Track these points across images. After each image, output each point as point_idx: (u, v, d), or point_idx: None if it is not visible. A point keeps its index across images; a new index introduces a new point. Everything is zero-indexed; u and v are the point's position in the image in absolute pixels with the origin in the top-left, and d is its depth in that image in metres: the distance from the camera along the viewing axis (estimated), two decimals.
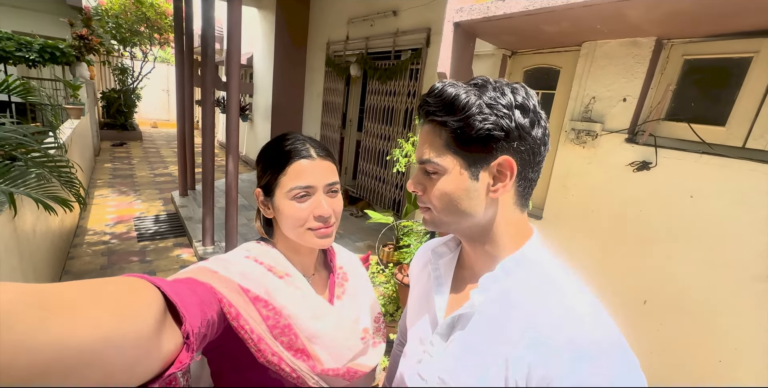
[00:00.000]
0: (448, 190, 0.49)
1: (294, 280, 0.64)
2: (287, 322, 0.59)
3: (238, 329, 0.54)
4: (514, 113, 0.46)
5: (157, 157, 7.54)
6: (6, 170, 1.60)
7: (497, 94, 0.47)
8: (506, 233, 0.52)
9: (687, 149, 1.61)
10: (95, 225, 3.76)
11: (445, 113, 0.47)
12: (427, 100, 0.49)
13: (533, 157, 0.49)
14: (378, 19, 4.40)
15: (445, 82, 0.49)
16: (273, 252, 0.67)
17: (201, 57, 3.39)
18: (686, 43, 1.66)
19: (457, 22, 1.90)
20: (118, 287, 0.34)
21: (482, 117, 0.45)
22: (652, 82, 1.77)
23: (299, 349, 0.60)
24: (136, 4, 7.93)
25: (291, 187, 0.61)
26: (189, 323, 0.39)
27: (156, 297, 0.37)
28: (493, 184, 0.49)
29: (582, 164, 1.96)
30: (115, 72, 9.11)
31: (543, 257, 0.52)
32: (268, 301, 0.59)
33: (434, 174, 0.50)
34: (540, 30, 1.86)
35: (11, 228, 1.69)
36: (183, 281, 0.50)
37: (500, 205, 0.51)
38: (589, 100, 1.94)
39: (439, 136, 0.49)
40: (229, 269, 0.58)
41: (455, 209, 0.50)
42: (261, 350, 0.55)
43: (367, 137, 4.83)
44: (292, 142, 0.64)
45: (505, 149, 0.47)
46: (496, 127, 0.46)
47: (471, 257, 0.57)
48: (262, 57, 6.67)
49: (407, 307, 0.71)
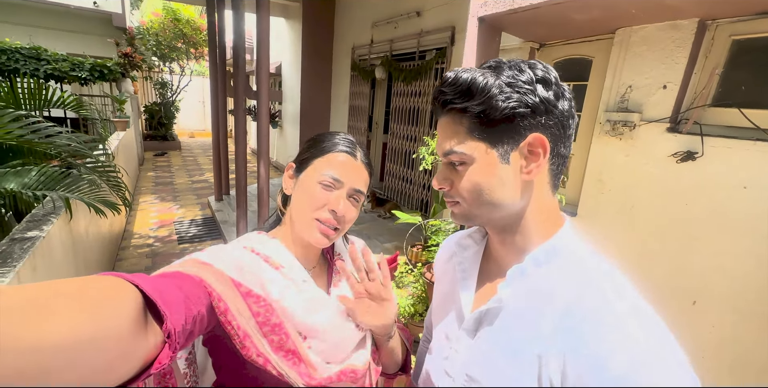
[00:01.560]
0: (478, 179, 0.47)
1: (290, 271, 0.62)
2: (278, 320, 0.57)
3: (225, 324, 0.52)
4: (537, 88, 0.44)
5: (195, 165, 7.94)
6: (62, 177, 1.74)
7: (515, 72, 0.45)
8: (538, 221, 0.49)
9: (738, 136, 1.49)
10: (140, 229, 4.01)
11: (464, 99, 0.45)
12: (443, 90, 0.47)
13: (563, 131, 0.46)
14: (402, 20, 4.42)
15: (457, 70, 0.46)
16: (272, 242, 0.65)
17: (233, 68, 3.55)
18: (734, 23, 1.54)
19: (482, 16, 1.87)
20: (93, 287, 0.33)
21: (504, 96, 0.43)
22: (696, 66, 1.65)
23: (290, 350, 0.57)
24: (174, 22, 8.45)
25: (323, 172, 0.62)
26: (170, 322, 0.38)
27: (133, 296, 0.36)
28: (526, 166, 0.46)
29: (619, 157, 1.86)
30: (155, 86, 9.73)
31: (576, 246, 0.49)
32: (261, 296, 0.56)
33: (461, 165, 0.48)
34: (569, 19, 1.79)
35: (68, 230, 1.84)
36: (169, 276, 0.49)
37: (534, 189, 0.48)
38: (625, 90, 1.84)
39: (461, 124, 0.46)
40: (223, 261, 0.57)
41: (487, 200, 0.47)
42: (246, 347, 0.53)
43: (393, 139, 4.84)
44: (345, 137, 0.67)
45: (533, 126, 0.45)
46: (520, 105, 0.43)
47: (498, 249, 0.54)
48: (290, 65, 6.89)
49: (432, 302, 0.69)
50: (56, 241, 1.65)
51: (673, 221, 1.68)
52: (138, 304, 0.35)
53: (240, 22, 3.36)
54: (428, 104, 4.15)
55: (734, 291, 1.51)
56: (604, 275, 0.45)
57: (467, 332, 0.53)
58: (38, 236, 1.46)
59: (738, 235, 1.49)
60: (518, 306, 0.47)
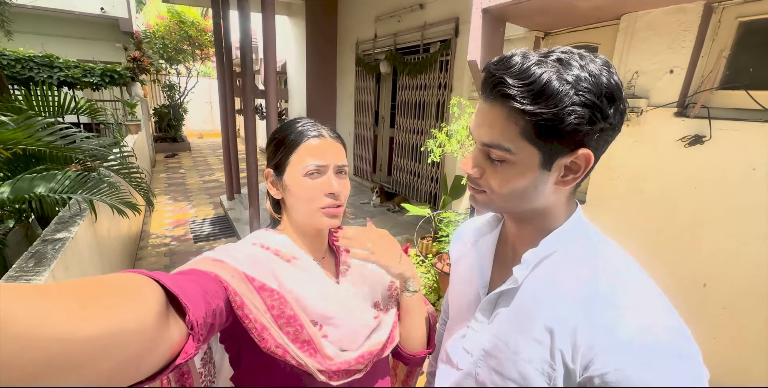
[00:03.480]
0: (515, 180, 0.46)
1: (301, 262, 0.64)
2: (293, 312, 0.58)
3: (242, 318, 0.54)
4: (604, 104, 0.41)
5: (205, 165, 8.07)
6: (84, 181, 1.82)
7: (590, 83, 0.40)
8: (556, 212, 0.51)
9: (746, 119, 1.48)
10: (157, 229, 4.12)
11: (532, 101, 0.41)
12: (507, 80, 0.42)
13: (606, 146, 0.46)
14: (405, 14, 4.41)
15: (522, 53, 0.43)
16: (280, 237, 0.67)
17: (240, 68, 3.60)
18: (740, 4, 1.53)
19: (486, 8, 1.88)
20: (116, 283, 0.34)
21: (571, 109, 0.40)
22: (702, 50, 1.64)
23: (305, 341, 0.58)
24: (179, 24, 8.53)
25: (304, 165, 0.62)
26: (192, 314, 0.40)
27: (156, 291, 0.37)
28: (563, 175, 0.46)
29: (627, 143, 1.87)
30: (164, 89, 9.86)
31: (586, 230, 0.52)
32: (274, 289, 0.58)
33: (502, 161, 0.46)
34: (574, 6, 1.79)
35: (92, 231, 1.92)
36: (186, 273, 0.50)
37: (561, 192, 0.49)
38: (631, 76, 1.84)
39: (515, 123, 0.43)
40: (234, 257, 0.58)
41: (518, 197, 0.48)
42: (264, 339, 0.55)
43: (400, 133, 4.86)
44: (303, 123, 0.66)
45: (585, 142, 0.43)
46: (584, 122, 0.41)
47: (514, 234, 0.57)
48: (295, 63, 6.92)
49: (450, 285, 0.72)
50: (83, 242, 1.73)
51: (683, 206, 1.68)
52: (161, 298, 0.37)
53: (246, 23, 3.40)
54: (434, 97, 4.15)
55: (744, 273, 1.52)
56: (611, 257, 0.49)
57: (484, 312, 0.56)
58: (67, 237, 1.54)
59: (747, 217, 1.49)
60: (532, 287, 0.50)
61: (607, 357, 0.40)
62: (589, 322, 0.43)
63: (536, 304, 0.49)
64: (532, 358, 0.47)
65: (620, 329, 0.41)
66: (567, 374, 0.44)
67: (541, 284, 0.50)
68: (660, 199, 1.77)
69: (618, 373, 0.39)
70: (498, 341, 0.52)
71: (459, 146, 2.18)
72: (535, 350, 0.47)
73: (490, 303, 0.55)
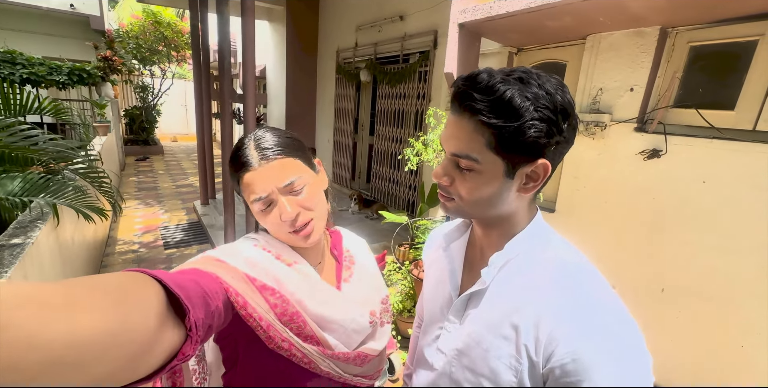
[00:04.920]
0: (481, 188, 0.50)
1: (302, 267, 0.65)
2: (295, 309, 0.60)
3: (247, 318, 0.54)
4: (558, 118, 0.46)
5: (179, 169, 7.83)
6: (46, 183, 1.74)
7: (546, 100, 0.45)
8: (519, 217, 0.55)
9: (697, 135, 1.61)
10: (124, 235, 3.95)
11: (496, 116, 0.45)
12: (474, 96, 0.46)
13: (561, 157, 0.51)
14: (385, 24, 4.49)
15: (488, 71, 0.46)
16: (277, 242, 0.67)
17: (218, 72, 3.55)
18: (691, 30, 1.66)
19: (462, 23, 1.96)
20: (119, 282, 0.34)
21: (531, 123, 0.45)
22: (659, 70, 1.77)
23: (308, 335, 0.61)
24: (155, 25, 8.32)
25: (251, 201, 0.60)
26: (192, 315, 0.40)
27: (157, 291, 0.37)
28: (525, 183, 0.50)
29: (592, 155, 1.97)
30: (136, 90, 9.54)
31: (545, 232, 0.57)
32: (276, 289, 0.59)
33: (469, 171, 0.50)
34: (543, 26, 1.90)
35: (54, 237, 1.83)
36: (187, 272, 0.50)
37: (525, 198, 0.54)
38: (596, 92, 1.95)
39: (481, 134, 0.47)
40: (236, 258, 0.59)
41: (484, 204, 0.52)
42: (271, 336, 0.56)
43: (379, 141, 4.91)
44: (240, 150, 0.61)
45: (544, 153, 0.48)
46: (542, 136, 0.46)
47: (482, 239, 0.60)
48: (275, 68, 6.88)
49: (423, 290, 0.74)
50: (44, 247, 1.65)
51: (642, 215, 1.79)
52: (161, 298, 0.37)
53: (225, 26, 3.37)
54: (413, 106, 4.23)
55: (699, 279, 1.63)
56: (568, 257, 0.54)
57: (456, 313, 0.59)
58: (27, 242, 1.46)
59: (699, 226, 1.61)
60: (499, 287, 0.54)
61: (566, 348, 0.44)
62: (550, 317, 0.47)
63: (503, 303, 0.53)
64: (501, 354, 0.50)
65: (577, 321, 0.45)
66: (531, 367, 0.47)
67: (507, 284, 0.54)
68: (622, 208, 1.88)
69: (575, 363, 0.43)
70: (470, 340, 0.55)
71: (435, 155, 2.24)
72: (502, 346, 0.50)
73: (461, 305, 0.59)
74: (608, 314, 0.46)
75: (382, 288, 0.78)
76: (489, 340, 0.52)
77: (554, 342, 0.45)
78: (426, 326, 0.67)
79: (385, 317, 0.76)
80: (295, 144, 0.64)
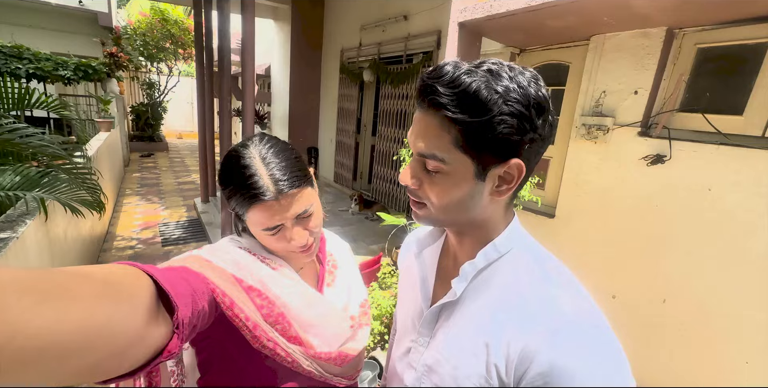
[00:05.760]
0: (449, 188, 0.46)
1: (287, 271, 0.66)
2: (280, 311, 0.60)
3: (233, 318, 0.54)
4: (532, 113, 0.42)
5: (182, 166, 7.86)
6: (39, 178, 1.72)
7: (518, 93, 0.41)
8: (495, 224, 0.51)
9: (703, 141, 1.55)
10: (123, 231, 3.95)
11: (461, 110, 0.41)
12: (437, 89, 0.42)
13: (538, 157, 0.47)
14: (389, 24, 4.46)
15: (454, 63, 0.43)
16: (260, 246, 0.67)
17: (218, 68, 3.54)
18: (699, 32, 1.60)
19: (462, 22, 1.91)
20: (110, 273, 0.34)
21: (501, 118, 0.41)
22: (665, 73, 1.71)
23: (292, 336, 0.62)
24: (162, 22, 8.37)
25: (260, 226, 0.58)
26: (181, 312, 0.39)
27: (148, 285, 0.37)
28: (497, 186, 0.46)
29: (594, 160, 1.91)
30: (143, 87, 9.61)
31: (522, 240, 0.52)
32: (262, 290, 0.60)
33: (437, 172, 0.46)
34: (546, 25, 1.85)
35: (44, 231, 1.81)
36: (176, 270, 0.49)
37: (499, 203, 0.50)
38: (599, 95, 1.90)
39: (447, 132, 0.43)
40: (222, 259, 0.59)
41: (455, 209, 0.48)
42: (256, 336, 0.56)
43: (381, 141, 4.87)
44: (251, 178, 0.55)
45: (518, 152, 0.44)
46: (514, 132, 0.42)
47: (455, 246, 0.56)
48: (279, 67, 6.87)
49: (398, 297, 0.71)
50: (31, 242, 1.62)
51: (645, 222, 1.73)
52: (152, 293, 0.37)
53: (225, 24, 3.36)
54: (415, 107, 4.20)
55: (702, 291, 1.56)
56: (546, 266, 0.49)
57: (426, 326, 0.55)
58: (11, 236, 1.44)
59: (704, 235, 1.54)
60: (470, 299, 0.50)
61: (539, 368, 0.40)
62: (522, 334, 0.43)
63: (473, 317, 0.49)
64: (470, 373, 0.46)
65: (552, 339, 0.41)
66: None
67: (478, 297, 0.50)
68: (624, 215, 1.81)
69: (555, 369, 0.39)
70: (439, 356, 0.51)
71: None
72: (472, 364, 0.46)
73: (432, 317, 0.55)
74: (586, 330, 0.42)
75: (362, 292, 0.79)
76: (458, 357, 0.48)
77: (526, 361, 0.41)
78: (398, 338, 0.64)
79: (363, 319, 0.76)
80: (302, 167, 0.61)
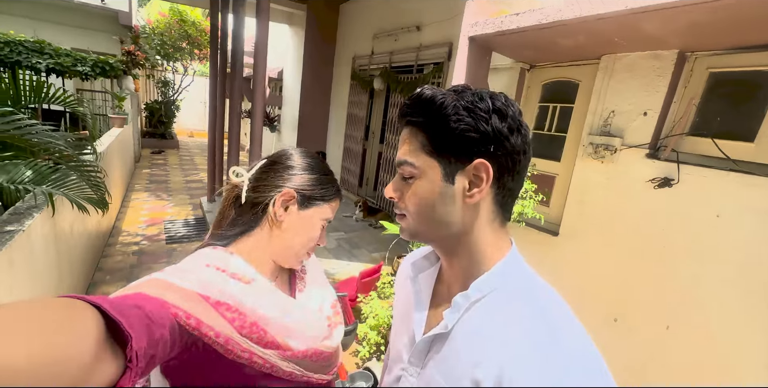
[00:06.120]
0: (422, 194, 0.49)
1: (260, 283, 0.65)
2: (253, 320, 0.60)
3: (203, 337, 0.53)
4: (492, 117, 0.45)
5: (191, 164, 7.94)
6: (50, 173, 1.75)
7: (475, 99, 0.46)
8: (483, 247, 0.50)
9: (712, 166, 1.53)
10: (129, 227, 3.99)
11: (421, 114, 0.47)
12: (407, 103, 0.49)
13: (512, 165, 0.47)
14: (402, 34, 4.50)
15: (424, 87, 0.48)
16: (233, 259, 0.65)
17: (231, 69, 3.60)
18: (711, 56, 1.60)
19: (472, 36, 1.93)
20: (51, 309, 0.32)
21: (457, 118, 0.45)
22: (675, 95, 1.70)
23: (269, 342, 0.61)
24: (180, 23, 8.54)
25: (326, 217, 0.70)
26: (135, 344, 0.37)
27: (95, 318, 0.34)
28: (468, 189, 0.47)
29: (600, 179, 1.90)
30: (158, 85, 9.77)
31: (519, 274, 0.50)
32: (232, 304, 0.58)
33: (410, 178, 0.50)
34: (556, 43, 1.85)
35: (50, 225, 1.84)
36: (130, 298, 0.47)
37: (478, 214, 0.49)
38: (608, 114, 1.89)
39: (416, 138, 0.48)
40: (187, 278, 0.57)
41: (430, 216, 0.49)
42: (230, 349, 0.55)
43: (388, 149, 4.88)
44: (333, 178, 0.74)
45: (481, 153, 0.46)
46: (471, 129, 0.45)
47: (447, 271, 0.55)
48: (292, 71, 6.96)
49: (393, 318, 0.70)
50: (37, 236, 1.65)
51: (650, 245, 1.71)
52: (100, 326, 0.35)
53: (240, 27, 3.42)
54: None
55: (707, 318, 1.53)
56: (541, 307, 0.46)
57: (417, 356, 0.54)
58: (17, 229, 1.47)
59: (711, 262, 1.52)
60: (463, 332, 0.48)
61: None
62: (515, 374, 0.41)
63: (465, 352, 0.47)
64: None
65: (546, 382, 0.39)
66: None
67: (471, 330, 0.48)
68: (628, 236, 1.79)
69: None
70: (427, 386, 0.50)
71: None
72: None
73: (423, 347, 0.53)
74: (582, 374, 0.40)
75: (331, 293, 0.82)
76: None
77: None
78: (391, 364, 0.63)
79: (337, 318, 0.78)
80: None
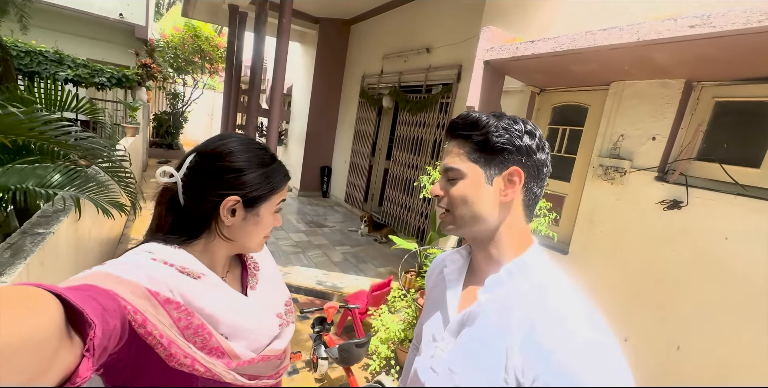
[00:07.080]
0: (466, 192, 0.59)
1: (210, 279, 0.64)
2: (200, 322, 0.58)
3: (146, 336, 0.51)
4: (524, 136, 0.58)
5: None
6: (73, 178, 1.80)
7: (511, 121, 0.59)
8: (510, 238, 0.61)
9: (720, 190, 1.59)
10: (138, 234, 4.01)
11: (470, 129, 0.59)
12: (456, 121, 0.62)
13: (538, 174, 0.60)
14: (412, 55, 4.67)
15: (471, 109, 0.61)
16: (181, 253, 0.63)
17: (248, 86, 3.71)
18: (716, 86, 1.69)
19: (487, 60, 2.03)
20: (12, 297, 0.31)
21: (498, 133, 0.57)
22: (682, 122, 1.79)
23: (213, 347, 0.59)
24: (194, 38, 8.81)
25: (277, 203, 0.70)
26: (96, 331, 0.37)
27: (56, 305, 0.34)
28: (503, 189, 0.59)
29: (610, 200, 1.96)
30: (168, 96, 9.97)
31: (542, 263, 0.60)
32: (180, 303, 0.57)
33: (455, 180, 0.60)
34: (568, 69, 1.95)
35: (74, 229, 1.87)
36: (82, 288, 0.45)
37: (509, 212, 0.60)
38: (617, 138, 1.97)
39: (463, 148, 0.60)
40: (134, 273, 0.55)
41: (470, 211, 0.59)
42: (172, 353, 0.53)
43: (395, 166, 4.96)
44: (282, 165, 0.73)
45: (515, 162, 0.58)
46: (509, 143, 0.57)
47: (479, 262, 0.65)
48: (301, 87, 7.14)
49: (423, 311, 0.76)
50: (63, 239, 1.68)
51: (660, 266, 1.75)
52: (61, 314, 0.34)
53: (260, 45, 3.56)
54: (431, 135, 4.31)
55: (718, 341, 1.55)
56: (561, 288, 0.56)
57: (452, 332, 0.61)
58: (48, 231, 1.51)
59: (720, 284, 1.56)
60: (494, 309, 0.57)
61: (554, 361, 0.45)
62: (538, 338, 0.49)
63: (496, 324, 0.55)
64: (492, 374, 0.52)
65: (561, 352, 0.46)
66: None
67: (500, 307, 0.56)
68: (638, 257, 1.84)
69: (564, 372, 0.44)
70: (463, 358, 0.57)
71: None
72: (493, 366, 0.52)
73: (458, 324, 0.61)
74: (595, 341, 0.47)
75: (285, 291, 0.83)
76: (481, 359, 0.54)
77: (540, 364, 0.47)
78: (423, 345, 0.69)
79: (289, 317, 0.79)
80: None
